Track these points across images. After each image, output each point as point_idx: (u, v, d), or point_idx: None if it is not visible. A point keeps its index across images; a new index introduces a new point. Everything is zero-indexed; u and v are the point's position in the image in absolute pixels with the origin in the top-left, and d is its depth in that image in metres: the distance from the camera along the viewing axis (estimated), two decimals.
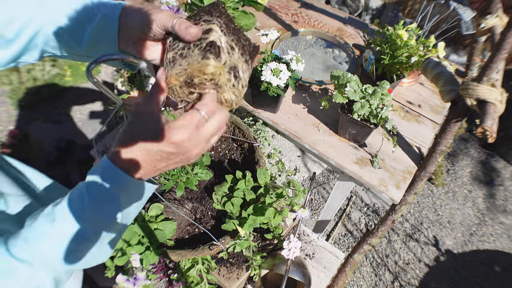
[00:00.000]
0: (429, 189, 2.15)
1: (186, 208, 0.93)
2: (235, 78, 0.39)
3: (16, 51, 0.46)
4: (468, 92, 0.71)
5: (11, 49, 0.46)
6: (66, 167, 1.95)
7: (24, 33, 0.45)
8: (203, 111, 0.39)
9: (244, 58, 0.40)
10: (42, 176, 0.82)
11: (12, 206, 0.64)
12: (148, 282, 0.83)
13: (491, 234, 1.96)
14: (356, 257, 1.08)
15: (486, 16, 0.77)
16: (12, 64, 0.49)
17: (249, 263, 0.93)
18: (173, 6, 0.76)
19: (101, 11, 0.46)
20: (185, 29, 0.38)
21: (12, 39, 0.45)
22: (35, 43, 0.47)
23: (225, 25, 0.39)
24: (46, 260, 0.41)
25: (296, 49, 1.28)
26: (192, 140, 0.39)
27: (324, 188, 2.09)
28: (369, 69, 1.01)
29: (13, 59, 0.47)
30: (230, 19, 0.40)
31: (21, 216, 0.65)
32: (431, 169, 0.90)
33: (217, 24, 0.38)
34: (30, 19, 0.45)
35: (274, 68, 0.87)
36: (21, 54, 0.47)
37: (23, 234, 0.41)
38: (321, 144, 0.99)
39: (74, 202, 0.40)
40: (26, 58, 0.49)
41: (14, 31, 0.44)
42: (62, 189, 0.87)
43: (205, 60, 0.37)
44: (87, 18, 0.46)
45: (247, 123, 1.08)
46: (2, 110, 2.18)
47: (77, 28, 0.46)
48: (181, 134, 0.38)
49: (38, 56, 0.49)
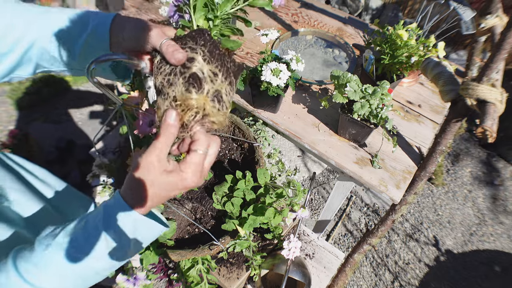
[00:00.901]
0: (429, 189, 2.15)
1: (186, 208, 0.93)
2: (219, 102, 0.42)
3: (9, 65, 0.47)
4: (468, 92, 0.71)
5: (4, 64, 0.47)
6: (66, 167, 1.95)
7: (18, 47, 0.46)
8: (201, 150, 0.42)
9: (228, 81, 0.42)
10: (44, 172, 0.82)
11: (15, 202, 0.64)
12: (148, 282, 0.83)
13: (491, 234, 1.96)
14: (356, 257, 1.08)
15: (486, 16, 0.77)
16: (6, 78, 0.50)
17: (249, 263, 0.93)
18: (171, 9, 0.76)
19: (91, 22, 0.47)
20: (172, 53, 0.40)
21: (5, 53, 0.46)
22: (29, 57, 0.48)
23: (209, 53, 0.41)
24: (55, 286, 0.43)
25: (296, 49, 1.28)
26: (196, 175, 0.42)
27: (324, 188, 2.09)
28: (369, 69, 1.01)
29: (6, 73, 0.48)
30: (215, 46, 0.42)
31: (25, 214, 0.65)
32: (431, 169, 0.90)
33: (200, 53, 0.41)
34: (23, 33, 0.46)
35: (274, 68, 0.87)
36: (14, 69, 0.48)
37: (34, 259, 0.43)
38: (321, 144, 0.99)
39: (88, 233, 0.43)
40: (20, 72, 0.50)
41: (8, 45, 0.45)
42: (68, 188, 0.87)
43: (188, 94, 0.40)
44: (79, 30, 0.47)
45: (247, 123, 1.08)
46: (2, 110, 2.19)
47: (70, 40, 0.47)
48: (188, 173, 0.41)
49: (32, 71, 0.50)
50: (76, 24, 0.47)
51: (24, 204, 0.66)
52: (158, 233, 0.47)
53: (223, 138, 1.04)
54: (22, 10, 0.47)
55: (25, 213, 0.65)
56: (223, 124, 0.44)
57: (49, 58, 0.49)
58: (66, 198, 0.82)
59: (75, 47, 0.47)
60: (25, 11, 0.47)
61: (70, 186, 0.88)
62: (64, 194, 0.83)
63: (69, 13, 0.47)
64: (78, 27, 0.47)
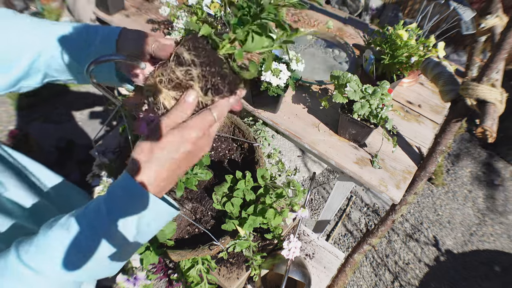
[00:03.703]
0: (429, 189, 2.15)
1: (186, 208, 0.93)
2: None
3: (17, 75, 0.48)
4: (468, 92, 0.71)
5: (11, 74, 0.48)
6: (66, 167, 1.95)
7: (25, 57, 0.47)
8: (215, 112, 0.41)
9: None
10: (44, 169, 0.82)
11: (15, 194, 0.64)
12: (148, 282, 0.83)
13: (491, 234, 1.96)
14: (356, 257, 1.08)
15: (486, 16, 0.77)
16: (14, 88, 0.51)
17: (249, 263, 0.93)
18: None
19: (100, 34, 0.49)
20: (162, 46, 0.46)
21: (13, 63, 0.47)
22: (37, 67, 0.49)
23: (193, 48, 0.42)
24: (55, 269, 0.41)
25: (296, 49, 1.28)
26: (204, 138, 0.41)
27: (324, 188, 2.09)
28: (369, 69, 1.01)
29: (14, 83, 0.49)
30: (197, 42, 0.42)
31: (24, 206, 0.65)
32: (431, 169, 0.90)
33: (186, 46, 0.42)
34: (31, 44, 0.47)
35: (274, 68, 0.87)
36: (22, 78, 0.50)
37: (36, 241, 0.41)
38: (321, 144, 0.99)
39: (90, 212, 0.41)
40: (28, 82, 0.51)
41: (15, 56, 0.47)
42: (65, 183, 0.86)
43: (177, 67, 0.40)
44: (88, 40, 0.49)
45: (247, 123, 1.08)
46: (2, 110, 2.18)
47: (79, 49, 0.49)
48: (196, 132, 0.40)
49: (40, 80, 0.52)
50: (85, 34, 0.49)
51: (23, 197, 0.66)
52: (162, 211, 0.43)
53: (223, 138, 1.04)
54: (31, 23, 0.49)
55: (25, 206, 0.65)
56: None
57: (57, 67, 0.50)
58: (65, 192, 0.83)
59: (82, 56, 0.49)
60: (34, 25, 0.49)
61: (68, 181, 0.88)
62: (62, 189, 0.83)
63: (76, 25, 0.50)
64: (87, 37, 0.49)
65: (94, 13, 1.37)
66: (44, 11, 2.40)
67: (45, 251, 0.40)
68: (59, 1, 2.49)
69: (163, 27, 1.31)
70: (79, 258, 0.41)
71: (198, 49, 0.40)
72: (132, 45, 0.49)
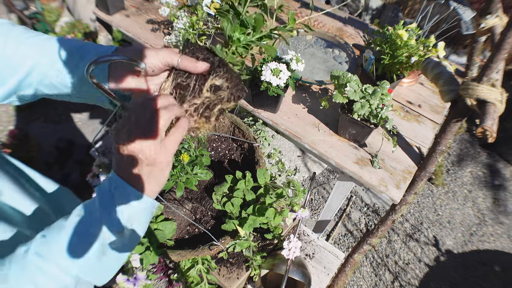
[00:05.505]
0: (429, 189, 2.15)
1: (186, 208, 0.93)
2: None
3: (9, 89, 0.49)
4: (468, 92, 0.71)
5: (4, 87, 0.48)
6: (65, 167, 1.95)
7: (18, 72, 0.48)
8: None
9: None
10: (39, 175, 0.82)
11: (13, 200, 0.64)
12: (148, 282, 0.83)
13: (491, 234, 1.96)
14: (356, 257, 1.08)
15: (486, 16, 0.77)
16: (5, 101, 0.51)
17: (249, 263, 0.93)
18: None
19: (92, 51, 0.50)
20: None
21: (5, 78, 0.47)
22: (29, 81, 0.49)
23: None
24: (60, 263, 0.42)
25: (296, 49, 1.28)
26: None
27: (324, 188, 2.09)
28: (369, 69, 1.01)
29: (6, 97, 0.50)
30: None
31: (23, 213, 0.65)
32: (431, 169, 0.90)
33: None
34: (24, 58, 0.47)
35: (274, 68, 0.87)
36: (13, 92, 0.50)
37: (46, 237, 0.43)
38: (321, 144, 0.99)
39: (87, 206, 0.44)
40: (20, 96, 0.51)
41: (9, 70, 0.47)
42: (63, 189, 0.87)
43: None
44: (81, 57, 0.49)
45: (247, 123, 1.08)
46: (2, 110, 2.19)
47: (69, 68, 0.49)
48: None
49: (31, 95, 0.52)
50: (75, 53, 0.49)
51: (19, 201, 0.66)
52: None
53: (223, 138, 1.04)
54: (26, 38, 0.48)
55: (20, 210, 0.65)
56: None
57: (48, 84, 0.50)
58: (59, 198, 0.83)
59: (74, 75, 0.49)
60: (29, 39, 0.48)
61: (63, 187, 0.88)
62: (58, 194, 0.83)
63: (71, 42, 0.50)
64: (81, 54, 0.49)
65: (94, 13, 1.37)
66: (44, 11, 2.40)
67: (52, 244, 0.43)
68: (59, 1, 2.49)
69: (163, 27, 1.31)
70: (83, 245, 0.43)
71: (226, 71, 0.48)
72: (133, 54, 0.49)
